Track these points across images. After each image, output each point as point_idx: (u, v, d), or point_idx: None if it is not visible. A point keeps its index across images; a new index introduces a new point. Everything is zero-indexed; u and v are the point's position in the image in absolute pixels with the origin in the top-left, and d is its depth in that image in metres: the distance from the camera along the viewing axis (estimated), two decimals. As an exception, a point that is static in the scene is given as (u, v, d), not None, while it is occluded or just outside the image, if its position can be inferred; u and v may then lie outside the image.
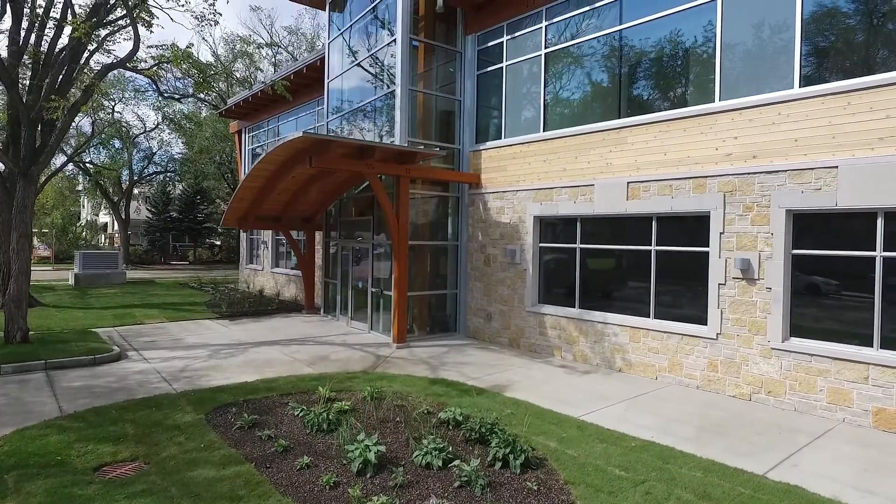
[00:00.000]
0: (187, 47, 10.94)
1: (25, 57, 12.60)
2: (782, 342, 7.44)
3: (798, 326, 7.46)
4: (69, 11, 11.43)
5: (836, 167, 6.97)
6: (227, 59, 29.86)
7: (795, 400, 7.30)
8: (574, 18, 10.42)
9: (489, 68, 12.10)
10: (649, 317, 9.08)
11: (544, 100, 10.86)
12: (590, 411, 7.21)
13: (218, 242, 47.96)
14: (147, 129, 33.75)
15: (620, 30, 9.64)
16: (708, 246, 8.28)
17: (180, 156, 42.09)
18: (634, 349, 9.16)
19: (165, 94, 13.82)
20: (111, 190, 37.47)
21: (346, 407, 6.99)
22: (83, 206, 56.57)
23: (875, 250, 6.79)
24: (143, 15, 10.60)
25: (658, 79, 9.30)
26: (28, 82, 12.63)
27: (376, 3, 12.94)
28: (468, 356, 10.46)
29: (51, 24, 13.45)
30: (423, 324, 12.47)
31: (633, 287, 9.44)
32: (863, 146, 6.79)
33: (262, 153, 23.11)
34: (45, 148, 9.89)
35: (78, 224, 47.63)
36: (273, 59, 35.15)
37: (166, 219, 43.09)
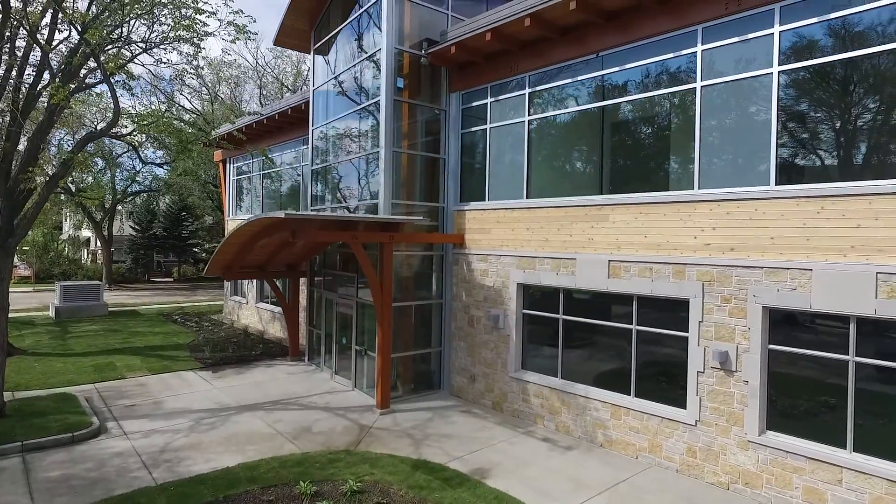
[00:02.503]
0: (166, 111, 10.89)
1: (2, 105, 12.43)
2: (759, 435, 7.55)
3: (775, 420, 7.58)
4: (47, 68, 11.25)
5: (811, 270, 7.09)
6: (212, 80, 29.75)
7: (772, 494, 7.41)
8: (557, 89, 10.50)
9: (473, 128, 12.16)
10: (630, 395, 9.17)
11: (528, 167, 10.93)
12: (570, 508, 7.27)
13: (204, 255, 47.45)
14: (131, 148, 33.32)
15: (602, 106, 9.74)
16: (687, 331, 8.39)
17: (167, 167, 41.60)
18: (615, 426, 9.23)
19: (146, 162, 13.68)
20: (93, 209, 37.01)
21: (327, 509, 6.99)
22: (65, 219, 55.71)
23: (848, 354, 6.92)
24: (122, 75, 10.52)
25: (639, 159, 9.41)
26: (7, 128, 12.45)
27: (360, 60, 12.94)
28: (452, 424, 10.46)
29: (29, 70, 13.29)
30: (407, 380, 12.46)
31: (615, 363, 9.52)
32: (835, 252, 6.92)
33: (246, 183, 22.97)
34: (23, 220, 9.75)
35: (59, 239, 46.92)
36: (259, 83, 34.97)
37: (150, 236, 42.64)
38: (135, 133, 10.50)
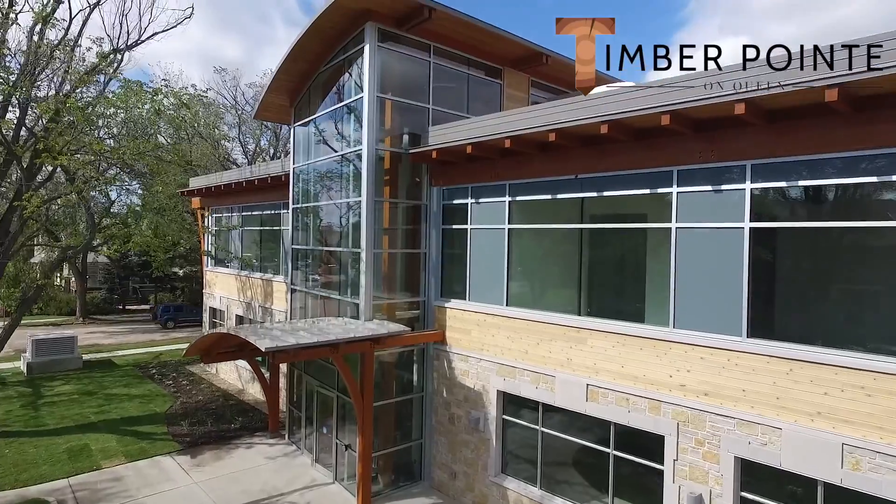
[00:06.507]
0: (142, 217, 10.80)
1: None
2: (732, 581, 7.76)
3: (746, 565, 7.79)
4: (19, 171, 11.11)
5: (781, 429, 7.32)
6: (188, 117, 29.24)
7: None
8: (537, 203, 10.64)
9: (455, 226, 12.23)
10: (608, 519, 9.34)
11: (507, 274, 11.04)
12: None
13: (181, 285, 46.54)
14: (105, 180, 32.79)
15: (581, 228, 9.92)
16: (663, 465, 8.57)
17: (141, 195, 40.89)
18: (594, 547, 9.39)
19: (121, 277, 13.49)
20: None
21: None
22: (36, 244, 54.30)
23: (816, 515, 7.16)
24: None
25: (617, 285, 9.61)
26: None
27: (341, 153, 12.96)
28: (432, 534, 10.53)
29: None
30: (388, 471, 12.49)
31: (594, 483, 9.68)
32: (804, 415, 7.15)
33: (225, 232, 22.73)
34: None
35: (31, 266, 45.70)
36: (237, 120, 34.61)
37: (125, 265, 41.88)
38: (110, 242, 10.42)
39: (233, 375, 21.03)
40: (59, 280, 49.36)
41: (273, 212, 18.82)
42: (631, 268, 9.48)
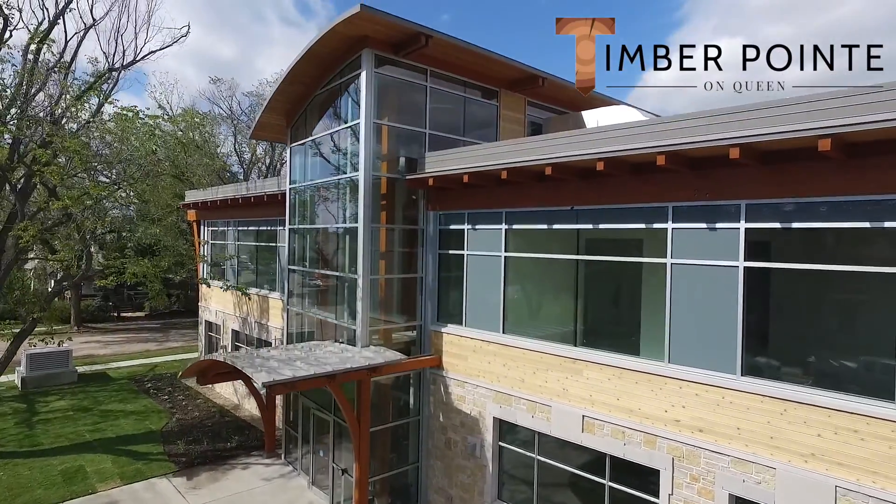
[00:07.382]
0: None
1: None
2: None
3: None
4: (18, 209, 11.10)
5: (775, 468, 7.38)
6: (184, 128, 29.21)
7: None
8: (534, 232, 10.69)
9: (451, 251, 12.27)
10: (604, 550, 9.39)
11: (504, 302, 11.08)
12: None
13: (176, 292, 46.39)
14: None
15: (577, 259, 9.97)
16: (658, 498, 8.63)
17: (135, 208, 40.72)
18: (590, 578, 9.44)
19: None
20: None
21: None
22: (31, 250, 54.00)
23: (809, 555, 7.22)
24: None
25: (613, 317, 9.67)
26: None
27: (337, 178, 12.98)
28: (429, 562, 10.56)
29: None
30: (385, 493, 12.52)
31: (589, 513, 9.73)
32: (797, 456, 7.21)
33: (221, 245, 22.70)
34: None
35: (25, 270, 45.45)
36: (233, 130, 34.54)
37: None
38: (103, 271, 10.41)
39: (228, 390, 21.00)
40: (52, 283, 49.12)
41: (269, 228, 18.80)
42: (626, 302, 9.54)
